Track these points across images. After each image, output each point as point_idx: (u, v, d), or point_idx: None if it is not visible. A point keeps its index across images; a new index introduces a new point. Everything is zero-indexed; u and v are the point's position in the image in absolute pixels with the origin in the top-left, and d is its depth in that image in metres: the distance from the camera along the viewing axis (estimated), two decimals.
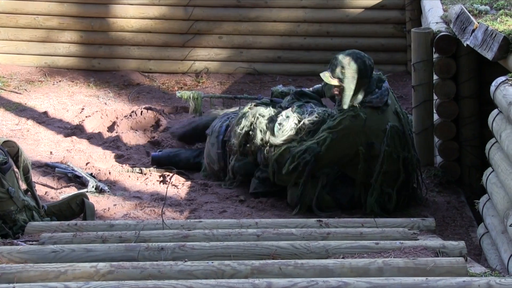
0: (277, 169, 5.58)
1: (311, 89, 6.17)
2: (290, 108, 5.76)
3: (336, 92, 5.53)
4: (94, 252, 3.45)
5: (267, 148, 5.66)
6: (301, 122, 5.62)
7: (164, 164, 6.34)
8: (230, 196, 5.87)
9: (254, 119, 5.83)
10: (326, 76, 5.55)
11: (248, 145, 5.81)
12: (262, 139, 5.70)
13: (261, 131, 5.74)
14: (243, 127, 5.85)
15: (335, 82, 5.49)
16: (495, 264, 4.04)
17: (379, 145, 5.42)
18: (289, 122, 5.64)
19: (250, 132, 5.81)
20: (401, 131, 5.49)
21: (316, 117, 5.61)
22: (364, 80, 5.47)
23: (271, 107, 5.94)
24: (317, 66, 9.15)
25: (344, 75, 5.45)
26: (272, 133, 5.65)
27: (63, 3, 9.09)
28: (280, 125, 5.65)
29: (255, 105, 6.04)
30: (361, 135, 5.43)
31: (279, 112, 5.80)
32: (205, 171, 6.26)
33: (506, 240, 3.92)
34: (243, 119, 5.90)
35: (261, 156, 5.72)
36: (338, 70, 5.47)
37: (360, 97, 5.47)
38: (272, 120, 5.77)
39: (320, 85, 6.05)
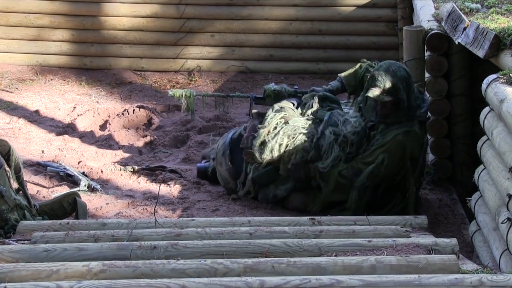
0: (327, 189, 5.37)
1: (324, 87, 5.93)
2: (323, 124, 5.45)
3: (384, 110, 5.25)
4: (86, 251, 3.45)
5: (317, 166, 5.36)
6: (341, 136, 5.34)
7: (210, 176, 6.06)
8: (223, 195, 5.87)
9: (292, 133, 5.49)
10: (376, 94, 5.20)
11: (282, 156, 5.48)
12: (303, 157, 5.39)
13: (304, 150, 5.41)
14: (281, 143, 5.47)
15: (388, 98, 5.20)
16: (487, 261, 4.05)
17: (418, 158, 5.34)
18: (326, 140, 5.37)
19: (286, 147, 5.46)
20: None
21: (355, 127, 5.37)
22: (411, 88, 5.29)
23: (300, 115, 5.62)
24: (309, 64, 9.17)
25: (396, 87, 5.19)
26: (319, 156, 5.35)
27: (54, 1, 9.07)
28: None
29: (282, 110, 5.69)
30: (410, 150, 5.28)
31: (315, 124, 5.48)
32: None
33: (497, 237, 3.93)
34: (280, 134, 5.51)
35: (301, 173, 5.43)
36: (388, 84, 5.19)
37: (407, 110, 5.24)
38: (312, 135, 5.43)
39: (334, 83, 5.87)
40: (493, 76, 4.29)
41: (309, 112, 5.65)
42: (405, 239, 3.63)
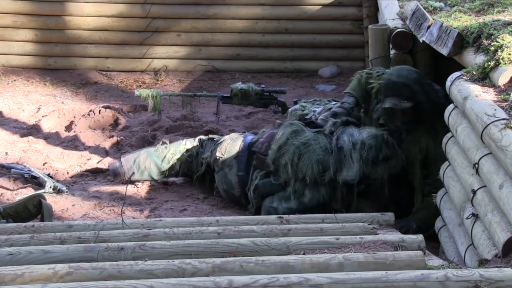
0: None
1: (340, 106, 5.59)
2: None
3: (406, 116, 5.07)
4: (52, 254, 3.41)
5: (345, 179, 5.03)
6: (359, 143, 5.05)
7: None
8: (191, 195, 5.85)
9: (303, 147, 5.17)
10: (394, 102, 5.03)
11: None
12: (319, 171, 5.07)
13: (319, 162, 5.08)
14: (292, 159, 5.13)
15: (408, 104, 5.03)
16: (452, 257, 4.09)
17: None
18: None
19: (299, 162, 5.13)
20: None
21: (372, 132, 5.11)
22: (427, 87, 5.11)
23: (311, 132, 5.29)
24: (276, 63, 9.19)
25: (414, 91, 5.03)
26: (339, 163, 5.04)
27: (17, 1, 8.98)
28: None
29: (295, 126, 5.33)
30: (425, 147, 5.15)
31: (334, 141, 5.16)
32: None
33: (462, 232, 3.98)
34: (291, 149, 5.17)
35: (324, 194, 5.09)
36: (404, 90, 5.03)
37: (430, 108, 5.04)
38: (326, 147, 5.13)
39: (348, 100, 5.56)
40: (457, 73, 4.34)
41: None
42: (373, 236, 3.65)
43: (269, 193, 5.24)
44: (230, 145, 5.62)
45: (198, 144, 5.94)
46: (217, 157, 5.62)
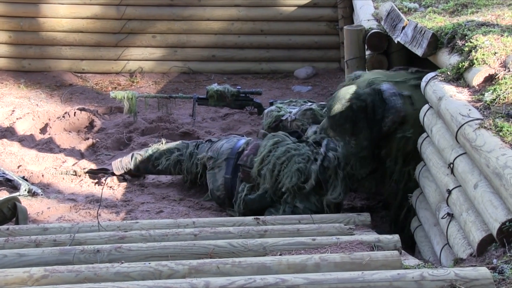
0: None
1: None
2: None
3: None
4: (27, 257, 3.38)
5: (329, 199, 4.98)
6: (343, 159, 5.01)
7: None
8: (167, 196, 5.83)
9: (284, 157, 5.14)
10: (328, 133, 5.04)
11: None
12: (299, 180, 5.03)
13: (299, 171, 5.04)
14: (273, 170, 5.12)
15: (335, 133, 4.99)
16: (428, 256, 4.12)
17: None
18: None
19: (279, 173, 5.12)
20: None
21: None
22: (363, 111, 4.86)
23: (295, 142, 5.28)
24: (252, 64, 9.19)
25: (336, 125, 4.91)
26: (323, 179, 4.99)
27: None
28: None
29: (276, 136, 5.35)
30: None
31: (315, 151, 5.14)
32: (208, 197, 5.70)
33: (438, 232, 4.00)
34: (271, 160, 5.16)
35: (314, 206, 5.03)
36: (328, 122, 5.00)
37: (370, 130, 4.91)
38: (307, 157, 5.09)
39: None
40: (432, 74, 4.37)
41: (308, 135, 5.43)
42: (349, 236, 3.66)
43: (258, 208, 5.22)
44: (224, 146, 5.65)
45: (193, 145, 5.98)
46: (210, 156, 5.67)
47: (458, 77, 4.17)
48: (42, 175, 6.13)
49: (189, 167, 5.91)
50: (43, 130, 7.38)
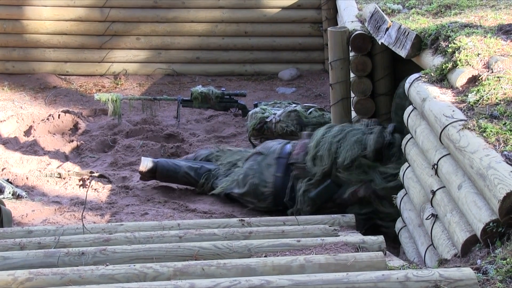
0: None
1: None
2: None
3: None
4: (12, 260, 3.36)
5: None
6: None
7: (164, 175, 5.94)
8: (152, 198, 5.82)
9: (340, 135, 5.28)
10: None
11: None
12: (358, 151, 5.16)
13: (358, 142, 5.19)
14: (330, 148, 5.22)
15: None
16: (412, 257, 4.13)
17: None
18: None
19: (337, 149, 5.23)
20: None
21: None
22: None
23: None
24: (236, 66, 9.20)
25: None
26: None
27: None
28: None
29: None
30: None
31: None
32: (225, 190, 5.74)
33: (422, 233, 4.02)
34: (328, 140, 5.31)
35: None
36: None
37: None
38: (361, 131, 5.27)
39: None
40: (416, 75, 4.39)
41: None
42: (334, 237, 3.67)
43: (326, 199, 5.26)
44: (274, 146, 5.67)
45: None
46: (259, 152, 5.69)
47: (441, 78, 4.19)
48: (27, 178, 6.10)
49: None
50: (27, 133, 7.35)
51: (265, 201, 5.58)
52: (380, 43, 5.46)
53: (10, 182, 5.94)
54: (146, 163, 5.93)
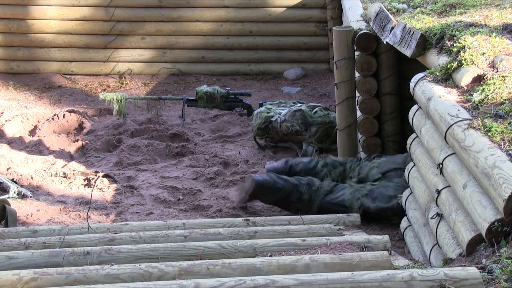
0: None
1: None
2: None
3: None
4: (17, 259, 3.37)
5: None
6: None
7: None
8: (157, 198, 5.83)
9: None
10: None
11: None
12: None
13: None
14: None
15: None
16: (418, 256, 4.13)
17: None
18: None
19: None
20: None
21: None
22: None
23: None
24: (241, 65, 9.20)
25: None
26: None
27: None
28: None
29: None
30: None
31: None
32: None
33: (427, 232, 4.02)
34: None
35: None
36: None
37: None
38: None
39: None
40: (421, 74, 4.38)
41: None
42: (339, 237, 3.67)
43: None
44: (384, 160, 5.55)
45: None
46: (376, 167, 5.52)
47: (446, 78, 4.18)
48: (32, 177, 6.11)
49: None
50: (32, 132, 7.36)
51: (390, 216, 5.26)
52: (385, 43, 5.46)
53: (15, 182, 5.95)
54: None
